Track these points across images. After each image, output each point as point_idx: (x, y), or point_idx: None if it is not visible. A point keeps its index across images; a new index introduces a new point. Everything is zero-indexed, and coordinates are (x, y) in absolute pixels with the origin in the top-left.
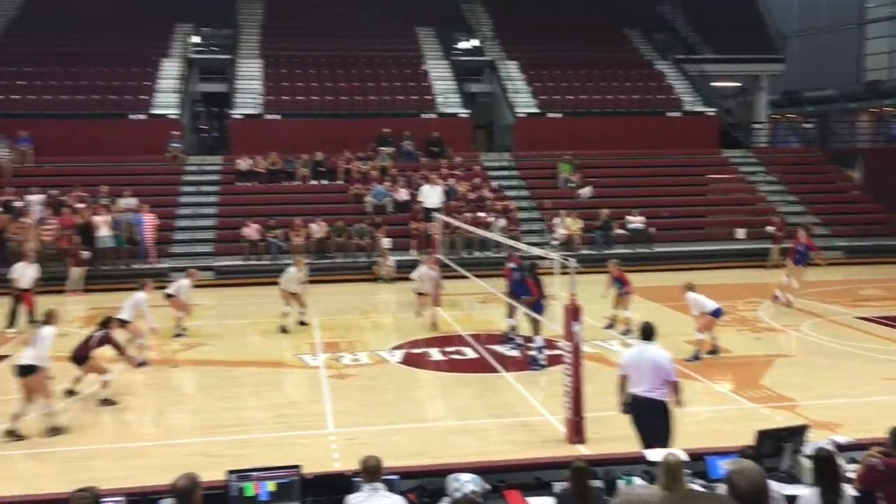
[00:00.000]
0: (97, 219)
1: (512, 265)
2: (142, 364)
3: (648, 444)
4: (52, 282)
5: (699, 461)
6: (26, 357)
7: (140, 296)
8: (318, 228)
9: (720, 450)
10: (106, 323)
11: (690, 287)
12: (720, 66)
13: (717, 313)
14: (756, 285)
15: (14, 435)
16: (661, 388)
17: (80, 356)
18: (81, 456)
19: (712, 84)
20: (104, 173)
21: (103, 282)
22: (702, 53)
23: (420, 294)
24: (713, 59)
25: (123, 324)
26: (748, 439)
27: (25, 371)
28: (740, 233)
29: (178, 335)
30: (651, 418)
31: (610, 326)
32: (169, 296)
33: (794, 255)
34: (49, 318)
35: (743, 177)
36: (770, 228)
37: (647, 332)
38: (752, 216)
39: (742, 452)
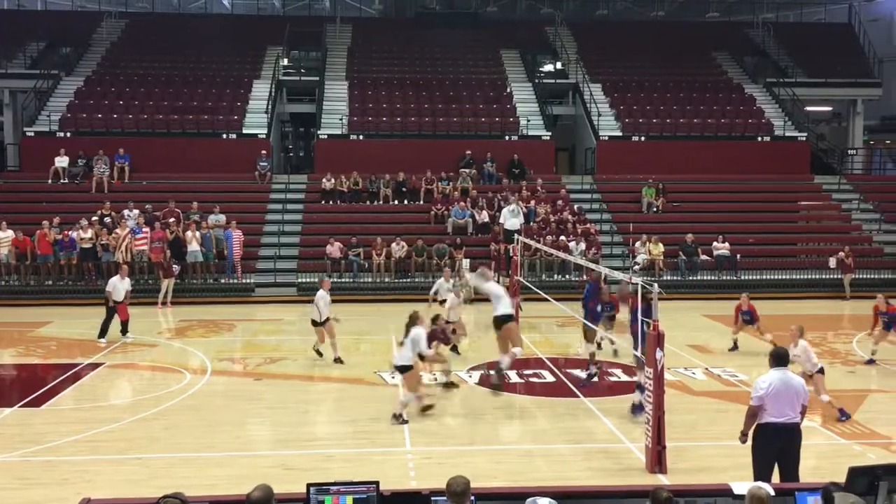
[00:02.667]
0: (188, 234)
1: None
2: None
3: (765, 475)
4: (143, 293)
5: (788, 496)
6: (401, 358)
7: (321, 292)
8: (398, 248)
9: (810, 486)
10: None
11: (802, 332)
12: (813, 90)
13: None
14: (848, 316)
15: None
16: (798, 414)
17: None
18: (168, 462)
19: (806, 108)
20: (196, 190)
21: (192, 295)
22: (794, 77)
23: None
24: (806, 84)
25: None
26: (840, 476)
27: (403, 369)
28: (833, 262)
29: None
30: (792, 444)
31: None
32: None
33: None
34: (414, 320)
35: (837, 204)
36: (837, 257)
37: (783, 358)
38: (846, 245)
39: (825, 489)
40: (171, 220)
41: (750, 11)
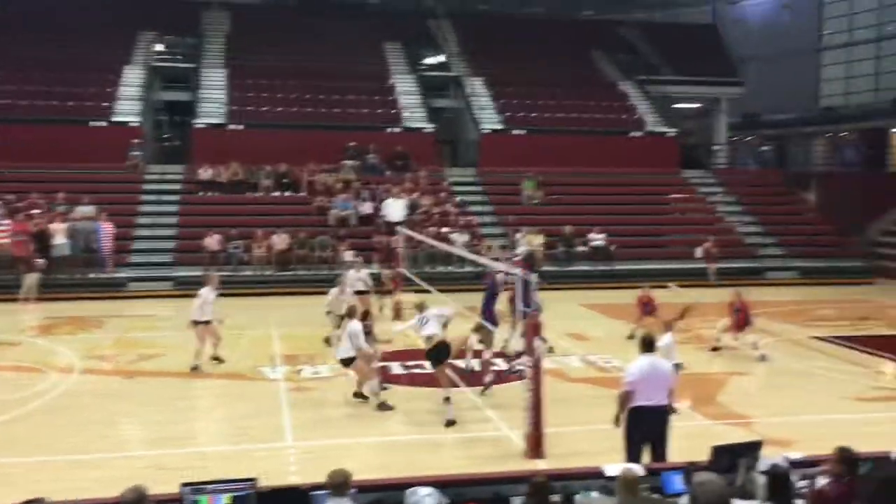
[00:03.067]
0: (53, 226)
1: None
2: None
3: (636, 458)
4: (5, 290)
5: (656, 476)
6: (342, 351)
7: (206, 290)
8: (279, 240)
9: (675, 465)
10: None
11: (670, 327)
12: (681, 87)
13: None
14: (714, 304)
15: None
16: (666, 397)
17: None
18: (29, 467)
19: (674, 105)
20: (63, 180)
21: (59, 290)
22: (664, 75)
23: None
24: (674, 81)
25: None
26: (704, 455)
27: (347, 362)
28: (699, 251)
29: None
30: (662, 427)
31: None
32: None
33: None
34: (351, 314)
35: (703, 197)
36: (703, 247)
37: (651, 344)
38: (711, 235)
39: (685, 469)
40: (36, 211)
41: (622, 10)
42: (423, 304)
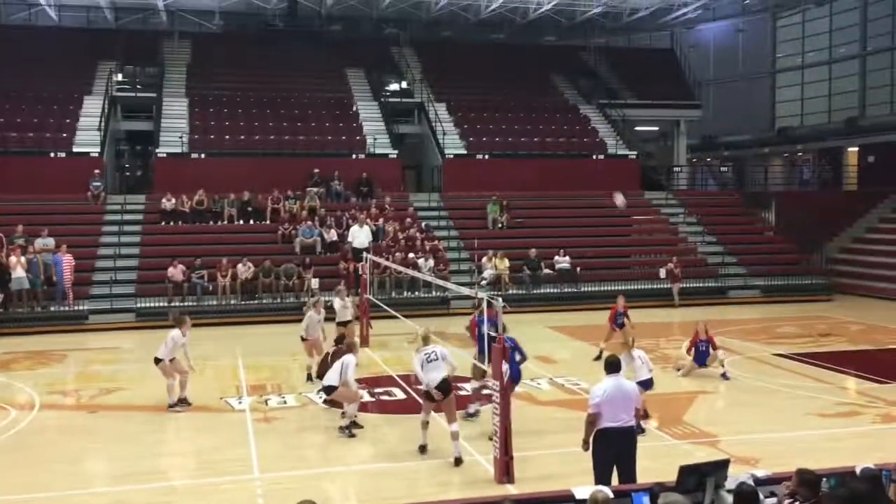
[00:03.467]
0: (12, 259)
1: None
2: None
3: (606, 479)
4: None
5: (625, 497)
6: (328, 380)
7: (176, 333)
8: (244, 269)
9: (644, 486)
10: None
11: (633, 345)
12: (641, 111)
13: (646, 385)
14: (678, 323)
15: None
16: (632, 417)
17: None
18: None
19: (635, 129)
20: (21, 212)
21: (18, 325)
22: (624, 99)
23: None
24: (634, 105)
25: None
26: (672, 475)
27: (329, 390)
28: (663, 272)
29: None
30: (629, 447)
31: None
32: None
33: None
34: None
35: (665, 218)
36: (667, 267)
37: (616, 366)
38: (674, 256)
39: (651, 489)
40: None
41: (583, 36)
42: (427, 336)
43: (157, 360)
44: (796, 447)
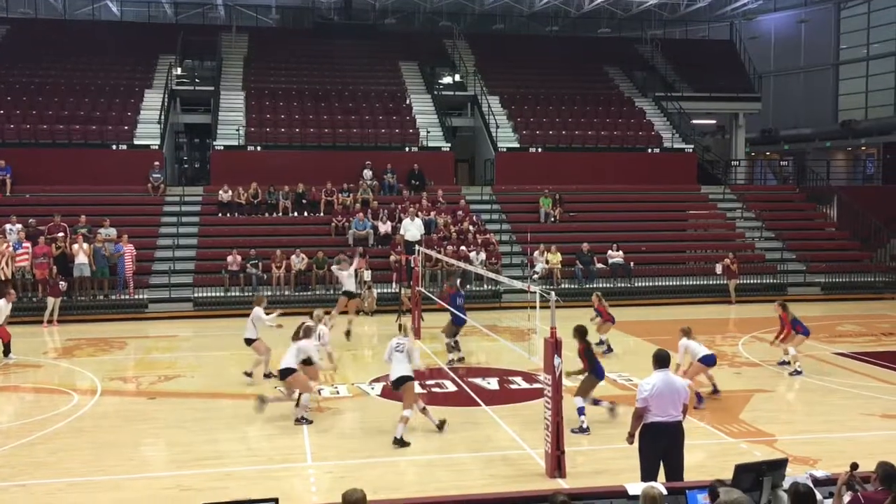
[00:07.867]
0: (74, 247)
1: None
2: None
3: (652, 474)
4: (27, 312)
5: (679, 495)
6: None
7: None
8: (298, 260)
9: (699, 483)
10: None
11: (687, 332)
12: (698, 104)
13: (709, 360)
14: (735, 320)
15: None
16: (680, 413)
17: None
18: (55, 488)
19: (692, 122)
20: (84, 203)
21: (80, 312)
22: (681, 91)
23: None
24: (691, 97)
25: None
26: (727, 474)
27: (285, 373)
28: (719, 268)
29: None
30: (677, 442)
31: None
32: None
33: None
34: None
35: (722, 213)
36: (723, 263)
37: (664, 360)
38: (731, 252)
39: (711, 486)
40: (60, 234)
41: (639, 28)
42: (404, 327)
43: (288, 371)
44: (856, 448)
